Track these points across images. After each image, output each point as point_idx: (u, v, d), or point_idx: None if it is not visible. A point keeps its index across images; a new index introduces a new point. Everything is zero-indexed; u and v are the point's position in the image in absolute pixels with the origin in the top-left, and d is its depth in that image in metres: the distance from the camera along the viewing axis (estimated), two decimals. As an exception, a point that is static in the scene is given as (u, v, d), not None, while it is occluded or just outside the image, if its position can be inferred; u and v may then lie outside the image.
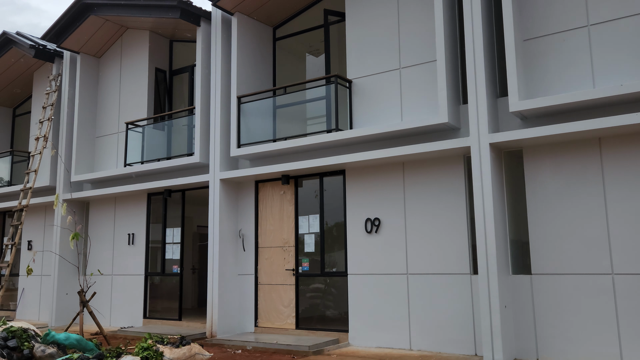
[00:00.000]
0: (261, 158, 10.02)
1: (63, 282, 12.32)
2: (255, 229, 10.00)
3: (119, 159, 12.34)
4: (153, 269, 11.50)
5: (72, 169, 12.42)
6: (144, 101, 12.06)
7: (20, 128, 16.31)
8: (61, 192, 12.60)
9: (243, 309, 9.93)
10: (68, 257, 12.39)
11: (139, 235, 11.67)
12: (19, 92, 15.54)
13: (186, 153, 11.19)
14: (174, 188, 11.11)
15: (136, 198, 11.88)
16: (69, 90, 12.92)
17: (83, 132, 12.66)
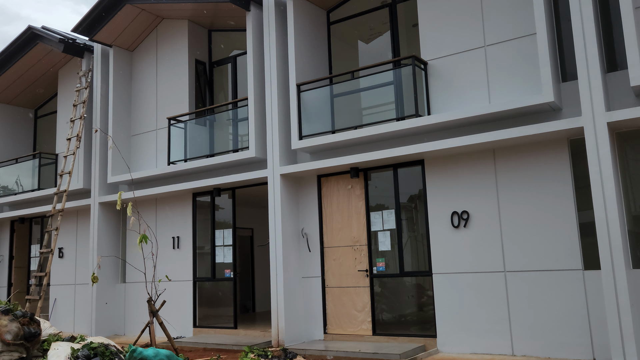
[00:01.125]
0: (323, 151, 9.25)
1: (102, 291, 11.52)
2: (319, 228, 9.22)
3: (159, 157, 11.55)
4: (201, 274, 10.71)
5: (109, 170, 11.63)
6: (184, 95, 11.28)
7: (42, 130, 15.52)
8: (97, 195, 11.80)
9: (309, 314, 9.15)
10: (111, 263, 11.62)
11: (185, 238, 10.89)
12: (41, 92, 14.75)
13: (232, 149, 10.44)
14: (224, 186, 10.33)
15: (180, 198, 11.09)
16: (101, 86, 12.14)
17: (118, 131, 11.87)
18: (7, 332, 5.50)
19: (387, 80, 8.61)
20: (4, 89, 14.28)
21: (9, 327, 5.56)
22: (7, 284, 14.29)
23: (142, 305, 11.32)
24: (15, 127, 14.97)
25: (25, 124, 15.27)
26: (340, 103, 9.12)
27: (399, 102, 8.36)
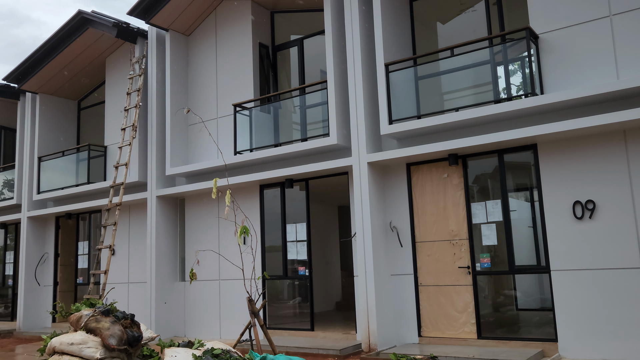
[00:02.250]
0: (414, 137, 8.47)
1: (161, 290, 10.83)
2: (410, 221, 8.44)
3: (222, 147, 10.82)
4: (271, 272, 9.97)
5: (167, 162, 10.93)
6: (248, 81, 10.56)
7: (85, 122, 14.88)
8: (154, 188, 11.11)
9: (400, 315, 8.37)
10: (169, 260, 10.93)
11: (253, 233, 10.14)
12: (86, 82, 14.12)
13: (300, 138, 9.69)
14: (296, 177, 9.59)
15: (246, 191, 10.36)
16: (157, 73, 11.45)
17: (175, 120, 11.18)
18: (110, 336, 4.79)
19: (486, 58, 7.81)
20: (49, 79, 13.66)
21: (111, 330, 4.84)
22: (52, 283, 13.66)
23: (204, 305, 10.62)
24: (58, 119, 14.35)
25: (69, 116, 14.64)
26: (433, 84, 8.34)
27: (507, 81, 7.56)
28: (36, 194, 13.58)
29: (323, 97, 9.58)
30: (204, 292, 10.65)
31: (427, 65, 8.36)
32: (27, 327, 13.32)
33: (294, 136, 10.14)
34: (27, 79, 13.55)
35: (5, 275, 14.99)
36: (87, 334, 4.86)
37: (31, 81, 13.64)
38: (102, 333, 4.79)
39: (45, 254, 13.89)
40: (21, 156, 14.23)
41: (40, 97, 14.01)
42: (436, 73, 8.27)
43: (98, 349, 4.66)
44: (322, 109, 9.59)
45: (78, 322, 4.99)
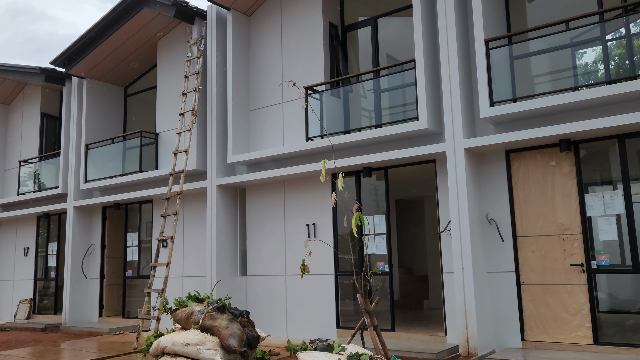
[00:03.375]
0: (514, 121, 7.71)
1: (220, 286, 10.19)
2: (510, 213, 7.68)
3: (287, 134, 10.16)
4: (345, 267, 9.29)
5: (230, 149, 10.28)
6: (318, 63, 9.87)
7: (132, 109, 14.32)
8: (214, 176, 10.47)
9: (499, 317, 7.62)
10: (229, 254, 10.29)
11: (323, 226, 9.47)
12: (136, 66, 13.54)
13: (375, 124, 8.99)
14: (376, 165, 8.87)
15: (316, 180, 9.67)
16: (217, 55, 10.80)
17: (238, 105, 10.53)
18: (230, 336, 4.14)
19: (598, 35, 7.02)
20: (97, 63, 13.10)
21: (230, 329, 4.19)
22: (99, 276, 13.12)
23: (268, 302, 9.96)
24: (105, 105, 13.79)
25: (115, 103, 14.08)
26: (538, 62, 7.58)
27: (631, 58, 6.78)
28: (83, 182, 13.04)
29: (404, 80, 8.87)
30: (268, 288, 10.00)
31: (532, 42, 7.59)
32: (73, 322, 12.79)
33: (363, 122, 9.44)
34: (75, 63, 13.00)
35: (47, 267, 14.49)
36: (202, 333, 4.20)
37: (78, 66, 13.09)
38: (219, 332, 4.13)
39: (92, 245, 13.35)
40: (67, 144, 13.70)
41: (88, 83, 13.46)
42: (543, 50, 7.49)
43: (217, 350, 4.01)
44: (402, 92, 8.89)
45: (188, 319, 4.34)
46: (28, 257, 14.98)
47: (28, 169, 15.01)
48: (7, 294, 15.36)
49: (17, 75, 14.38)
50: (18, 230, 15.45)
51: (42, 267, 14.64)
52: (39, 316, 14.28)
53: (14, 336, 11.68)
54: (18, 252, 15.32)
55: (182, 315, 4.52)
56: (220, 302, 4.55)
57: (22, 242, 15.24)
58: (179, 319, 4.57)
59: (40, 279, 14.59)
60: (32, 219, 15.07)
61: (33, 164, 14.96)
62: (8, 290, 15.37)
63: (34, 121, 15.43)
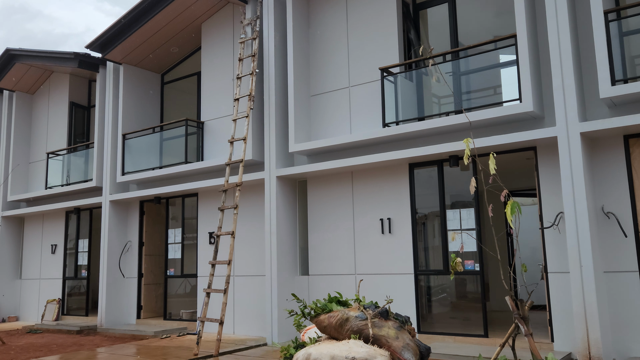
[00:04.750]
0: (634, 102, 6.89)
1: (283, 285, 9.37)
2: (631, 205, 6.86)
3: (354, 121, 9.34)
4: (424, 266, 8.47)
5: (291, 137, 9.45)
6: (392, 43, 9.06)
7: (168, 98, 13.48)
8: (273, 167, 9.64)
9: (619, 322, 6.79)
10: (289, 251, 9.46)
11: (399, 221, 8.64)
12: (176, 51, 12.70)
13: (455, 110, 8.18)
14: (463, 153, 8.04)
15: (390, 171, 8.85)
16: (275, 35, 9.98)
17: (299, 90, 9.70)
18: (403, 349, 3.39)
19: None
20: (135, 48, 12.26)
21: (401, 339, 3.44)
22: (137, 275, 12.27)
23: (335, 304, 9.11)
24: (142, 93, 12.95)
25: (152, 90, 13.23)
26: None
27: None
28: (120, 175, 12.20)
29: (489, 60, 8.07)
30: (334, 289, 9.16)
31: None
32: (110, 324, 11.95)
33: (434, 108, 8.64)
34: (112, 48, 12.16)
35: (78, 265, 13.64)
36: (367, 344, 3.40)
37: (115, 51, 12.25)
38: (389, 344, 3.33)
39: (129, 242, 12.51)
40: (101, 134, 12.86)
41: (124, 69, 12.62)
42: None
43: (391, 367, 3.21)
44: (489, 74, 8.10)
45: (341, 326, 3.54)
46: (56, 254, 14.13)
47: (56, 162, 14.16)
48: (32, 294, 14.51)
49: (47, 61, 13.55)
50: (45, 226, 14.60)
51: (72, 266, 13.79)
52: (68, 317, 13.44)
53: (49, 339, 10.84)
54: (45, 250, 14.47)
55: (330, 322, 3.71)
56: (379, 307, 3.72)
57: (50, 239, 14.39)
58: (325, 326, 3.76)
59: (70, 278, 13.74)
60: (61, 214, 14.23)
61: (62, 155, 14.11)
62: (34, 289, 14.52)
63: (61, 111, 14.59)
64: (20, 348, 9.71)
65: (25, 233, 15.17)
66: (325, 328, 3.81)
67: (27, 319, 14.54)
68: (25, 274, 14.88)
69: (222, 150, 10.91)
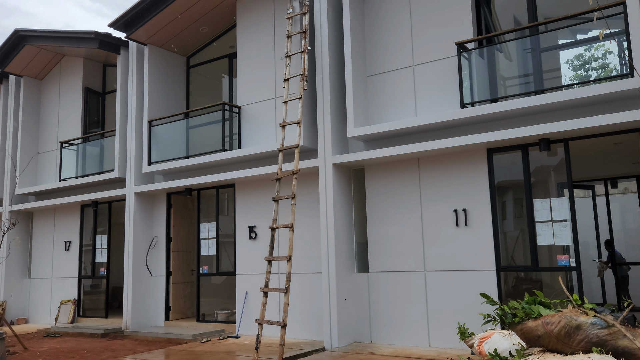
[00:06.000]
0: None
1: (341, 283, 8.52)
2: None
3: (419, 104, 8.52)
4: (508, 261, 7.68)
5: (350, 121, 8.60)
6: (465, 15, 8.24)
7: (192, 83, 12.54)
8: (329, 154, 8.78)
9: None
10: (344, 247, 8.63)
11: (477, 212, 7.83)
12: (205, 31, 11.76)
13: (535, 90, 7.41)
14: (556, 137, 7.27)
15: (465, 156, 8.05)
16: (328, 10, 9.12)
17: (356, 69, 8.86)
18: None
19: None
20: (162, 27, 11.31)
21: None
22: (164, 273, 11.34)
23: (396, 303, 8.31)
24: (167, 76, 12.00)
25: (178, 74, 12.28)
26: None
27: None
28: (147, 165, 11.24)
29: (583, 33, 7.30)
30: (399, 288, 8.35)
31: None
32: (137, 326, 11.01)
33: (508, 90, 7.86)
34: (138, 27, 11.19)
35: (95, 262, 12.65)
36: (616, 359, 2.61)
37: (140, 30, 11.29)
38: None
39: (155, 237, 11.56)
40: (124, 121, 11.88)
41: (149, 50, 11.65)
42: None
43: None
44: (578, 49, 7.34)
45: (569, 336, 2.74)
46: (70, 251, 13.12)
47: (70, 152, 13.14)
48: (44, 294, 13.48)
49: (62, 41, 12.53)
50: (57, 221, 13.57)
51: (88, 263, 12.79)
52: (85, 319, 12.46)
53: (74, 343, 9.87)
54: (57, 246, 13.44)
55: (548, 330, 2.91)
56: (614, 311, 2.94)
57: (63, 235, 13.37)
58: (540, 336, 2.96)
59: (87, 277, 12.75)
60: (75, 208, 13.21)
61: (76, 145, 13.10)
62: (45, 289, 13.49)
63: (74, 97, 13.56)
64: (46, 354, 8.74)
65: (34, 229, 14.13)
66: (539, 338, 3.00)
67: (37, 321, 13.52)
68: (35, 273, 13.84)
69: (261, 136, 10.03)
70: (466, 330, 4.35)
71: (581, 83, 7.07)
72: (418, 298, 8.17)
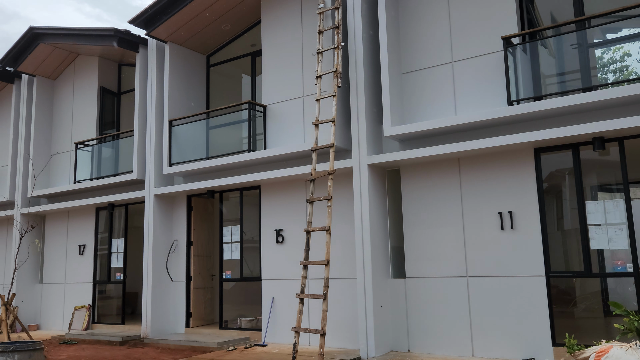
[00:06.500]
0: None
1: (377, 289, 8.13)
2: None
3: (459, 102, 8.16)
4: (558, 267, 7.29)
5: (387, 120, 8.23)
6: (508, 7, 7.89)
7: (211, 82, 12.19)
8: (363, 154, 8.41)
9: None
10: (379, 252, 8.26)
11: (524, 214, 7.45)
12: (227, 28, 11.41)
13: (582, 87, 7.05)
14: (610, 135, 6.91)
15: (509, 157, 7.67)
16: (362, 5, 8.77)
17: (392, 66, 8.50)
18: None
19: None
20: (183, 24, 10.96)
21: None
22: (185, 278, 10.94)
23: (436, 311, 7.91)
24: (187, 76, 11.64)
25: (197, 73, 11.93)
26: None
27: None
28: (167, 166, 10.87)
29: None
30: (438, 294, 7.95)
31: None
32: (156, 333, 10.60)
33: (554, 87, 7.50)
34: (159, 24, 10.85)
35: (111, 267, 12.25)
36: None
37: (161, 27, 10.94)
38: None
39: (175, 241, 11.17)
40: (143, 121, 11.51)
41: (170, 48, 11.30)
42: None
43: None
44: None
45: None
46: (84, 255, 12.72)
47: (85, 153, 12.77)
48: (56, 300, 13.07)
49: (79, 39, 12.18)
50: (70, 224, 13.18)
51: (104, 268, 12.40)
52: (100, 326, 12.04)
53: (92, 351, 9.46)
54: (71, 251, 13.05)
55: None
56: None
57: (76, 239, 12.97)
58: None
59: (102, 282, 12.35)
60: (90, 211, 12.83)
61: (90, 146, 12.73)
62: (58, 295, 13.08)
63: (89, 97, 13.21)
64: (67, 363, 8.34)
65: (46, 232, 13.73)
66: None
67: (49, 327, 13.11)
68: (47, 278, 13.43)
69: (287, 136, 9.67)
70: (573, 343, 3.97)
71: (632, 80, 6.70)
72: (460, 305, 7.78)
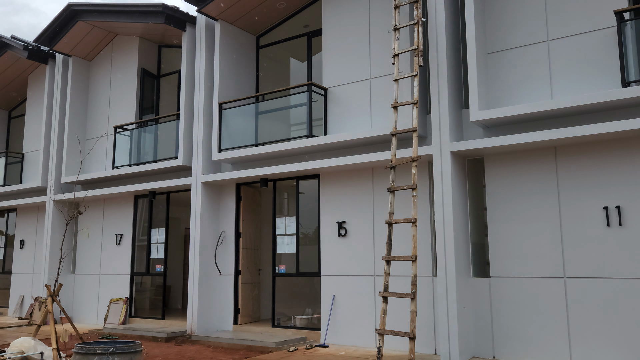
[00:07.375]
0: None
1: (459, 289, 7.38)
2: None
3: (555, 83, 7.38)
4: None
5: (474, 102, 7.47)
6: (613, -16, 7.11)
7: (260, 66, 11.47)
8: (445, 140, 7.65)
9: None
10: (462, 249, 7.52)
11: (636, 211, 6.67)
12: (283, 6, 10.67)
13: None
14: None
15: (616, 145, 6.90)
16: (444, -23, 8.01)
17: (478, 45, 7.73)
18: None
19: None
20: (236, 0, 10.23)
21: None
22: (233, 272, 10.25)
23: (527, 313, 7.16)
24: (238, 57, 10.93)
25: (248, 54, 11.21)
26: None
27: None
28: (217, 152, 10.17)
29: None
30: (529, 296, 7.20)
31: None
32: (203, 330, 9.94)
33: None
34: (210, 0, 10.13)
35: (150, 259, 11.59)
36: None
37: (212, 4, 10.22)
38: None
39: (223, 232, 10.49)
40: (190, 103, 10.83)
41: (221, 26, 10.59)
42: None
43: None
44: None
45: None
46: (122, 245, 12.07)
47: (124, 137, 12.10)
48: (90, 292, 12.44)
49: (121, 17, 11.49)
50: (106, 213, 12.54)
51: (142, 259, 11.74)
52: (137, 320, 11.40)
53: (139, 349, 8.76)
54: (107, 240, 12.40)
55: None
56: None
57: (113, 228, 12.33)
58: None
59: (140, 274, 11.69)
60: (128, 198, 12.17)
61: (129, 130, 12.06)
62: (92, 286, 12.45)
63: (128, 79, 12.54)
64: (118, 362, 7.64)
65: (79, 221, 13.09)
66: None
67: (82, 320, 12.49)
68: (80, 269, 12.80)
69: (352, 122, 8.96)
70: None
71: None
72: (556, 308, 7.02)
